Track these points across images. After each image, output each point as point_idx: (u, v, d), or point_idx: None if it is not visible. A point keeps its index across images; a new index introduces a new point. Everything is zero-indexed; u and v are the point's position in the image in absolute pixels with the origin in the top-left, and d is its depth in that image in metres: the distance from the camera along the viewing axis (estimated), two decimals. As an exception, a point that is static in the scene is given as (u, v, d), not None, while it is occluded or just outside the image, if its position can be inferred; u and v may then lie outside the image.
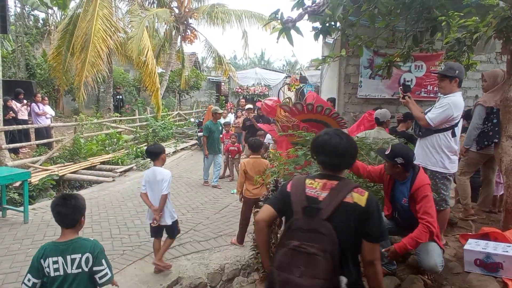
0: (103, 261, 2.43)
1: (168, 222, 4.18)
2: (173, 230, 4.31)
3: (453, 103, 3.53)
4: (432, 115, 3.61)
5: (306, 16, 4.12)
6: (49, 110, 11.52)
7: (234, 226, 5.52)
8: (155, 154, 4.20)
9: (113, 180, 8.78)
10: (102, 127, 13.01)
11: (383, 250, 2.94)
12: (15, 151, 9.65)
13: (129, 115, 16.32)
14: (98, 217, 6.17)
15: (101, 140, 11.37)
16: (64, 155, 9.82)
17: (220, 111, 8.98)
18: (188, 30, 18.71)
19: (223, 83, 29.46)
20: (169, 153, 12.50)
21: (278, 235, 3.74)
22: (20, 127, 9.69)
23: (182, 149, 13.21)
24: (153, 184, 4.12)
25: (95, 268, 2.38)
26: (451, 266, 3.40)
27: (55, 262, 2.31)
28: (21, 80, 14.53)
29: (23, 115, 10.77)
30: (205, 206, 6.96)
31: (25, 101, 11.01)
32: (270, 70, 32.04)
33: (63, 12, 19.62)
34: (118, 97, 17.48)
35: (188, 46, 20.32)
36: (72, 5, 17.65)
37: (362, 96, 7.20)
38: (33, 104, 11.06)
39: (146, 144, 13.42)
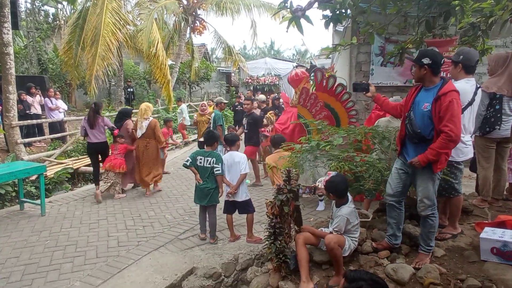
0: (220, 164, 4.75)
1: (243, 198, 4.82)
2: (247, 206, 4.88)
3: None
4: None
5: (316, 4, 4.06)
6: (61, 105, 11.66)
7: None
8: (232, 142, 5.07)
9: (126, 173, 8.88)
10: (113, 120, 13.09)
11: (408, 161, 3.16)
12: (29, 145, 9.82)
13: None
14: (113, 209, 6.25)
15: (114, 133, 11.46)
16: (78, 148, 9.94)
17: (225, 101, 9.09)
18: (197, 21, 18.64)
19: (233, 74, 29.38)
20: (180, 144, 12.58)
21: (291, 225, 3.75)
22: (34, 121, 9.82)
23: (194, 140, 13.26)
24: (231, 166, 4.86)
25: (214, 165, 4.74)
26: (466, 255, 3.37)
27: (200, 159, 4.82)
28: (33, 76, 14.71)
29: (36, 109, 10.91)
30: (217, 197, 7.00)
31: (38, 95, 11.13)
32: (280, 59, 31.84)
33: (72, 7, 19.75)
34: (129, 90, 17.58)
35: (197, 38, 20.27)
36: (81, -1, 17.71)
37: (374, 84, 7.07)
38: (46, 99, 11.19)
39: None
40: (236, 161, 4.85)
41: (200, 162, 4.86)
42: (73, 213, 6.05)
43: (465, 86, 3.45)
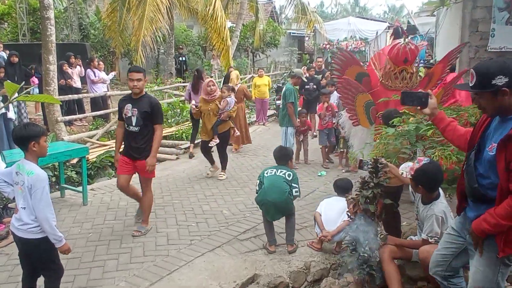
0: (297, 185, 4.82)
1: None
2: None
3: None
4: None
5: None
6: (105, 77, 12.21)
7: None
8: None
9: (177, 158, 9.26)
10: (163, 95, 13.59)
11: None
12: (69, 123, 10.53)
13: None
14: (162, 200, 6.57)
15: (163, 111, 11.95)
16: (122, 128, 10.53)
17: (304, 78, 9.06)
18: (263, -27, 18.66)
19: (307, 38, 29.10)
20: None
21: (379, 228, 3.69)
22: (75, 96, 10.44)
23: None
24: None
25: (292, 184, 4.75)
26: None
27: (271, 171, 4.85)
28: (74, 43, 15.75)
29: (75, 82, 11.49)
30: (285, 191, 7.05)
31: (78, 66, 11.84)
32: (367, 19, 30.86)
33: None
34: (180, 59, 18.07)
35: (263, -7, 20.30)
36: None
37: (495, 49, 6.66)
38: (89, 70, 11.66)
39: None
40: None
41: (270, 173, 4.84)
42: (117, 203, 6.47)
43: None
